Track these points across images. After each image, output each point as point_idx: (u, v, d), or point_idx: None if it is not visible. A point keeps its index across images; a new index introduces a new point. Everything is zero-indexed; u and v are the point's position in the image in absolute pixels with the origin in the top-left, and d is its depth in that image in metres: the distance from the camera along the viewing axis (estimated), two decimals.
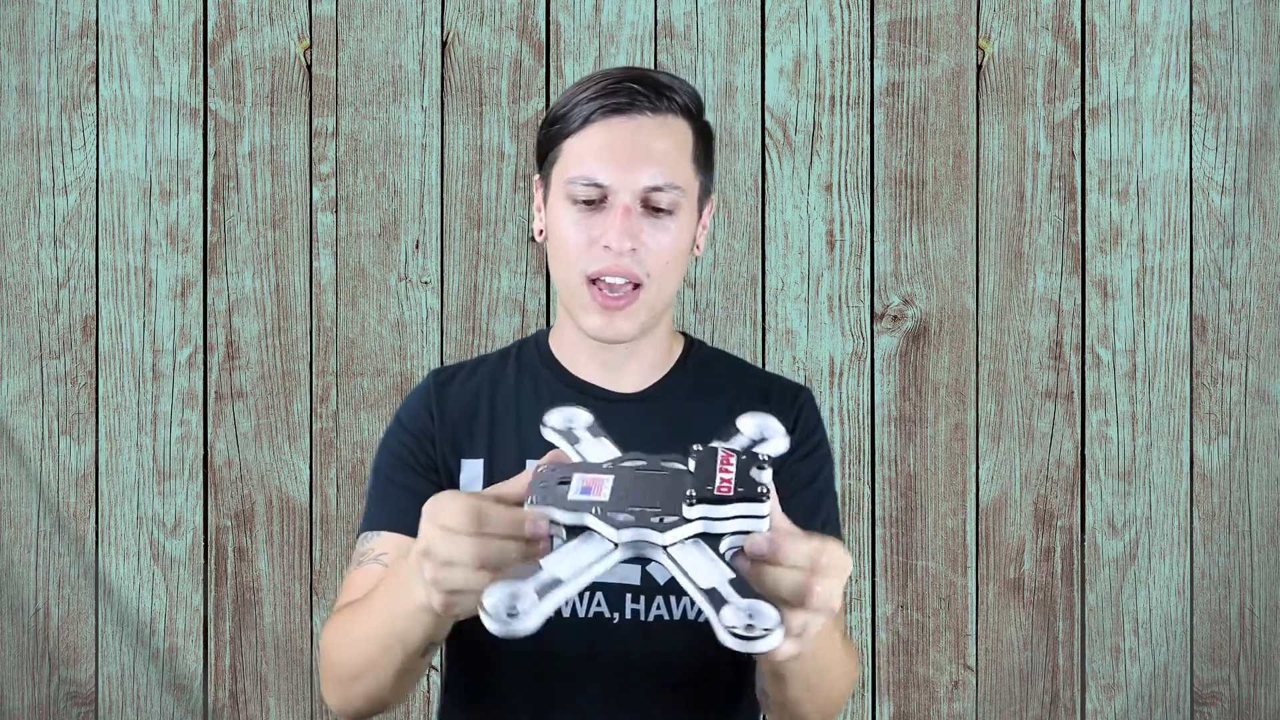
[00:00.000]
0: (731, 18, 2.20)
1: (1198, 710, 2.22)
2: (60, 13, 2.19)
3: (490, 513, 0.85)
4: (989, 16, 2.20)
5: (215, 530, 2.20)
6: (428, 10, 2.20)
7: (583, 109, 1.23)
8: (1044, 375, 2.20)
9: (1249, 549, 2.21)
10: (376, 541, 1.25)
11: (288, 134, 2.20)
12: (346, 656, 1.11)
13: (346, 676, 1.12)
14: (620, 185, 1.21)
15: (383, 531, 1.25)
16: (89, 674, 2.20)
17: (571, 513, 0.84)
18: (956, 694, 2.21)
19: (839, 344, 2.20)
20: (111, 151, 2.19)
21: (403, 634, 1.01)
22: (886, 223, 2.21)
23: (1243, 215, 2.20)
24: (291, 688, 2.20)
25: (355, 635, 1.09)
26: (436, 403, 1.31)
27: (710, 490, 0.84)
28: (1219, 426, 2.20)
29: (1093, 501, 2.21)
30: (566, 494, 0.85)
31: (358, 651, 1.09)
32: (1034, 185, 2.20)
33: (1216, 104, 2.19)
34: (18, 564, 2.18)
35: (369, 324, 2.20)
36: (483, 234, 2.20)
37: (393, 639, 1.03)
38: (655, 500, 0.85)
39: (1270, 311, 2.20)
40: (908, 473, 2.20)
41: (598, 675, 1.23)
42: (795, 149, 2.20)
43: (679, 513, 0.83)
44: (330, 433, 2.20)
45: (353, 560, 1.27)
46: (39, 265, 2.19)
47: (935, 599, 2.20)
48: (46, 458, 2.18)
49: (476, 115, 2.20)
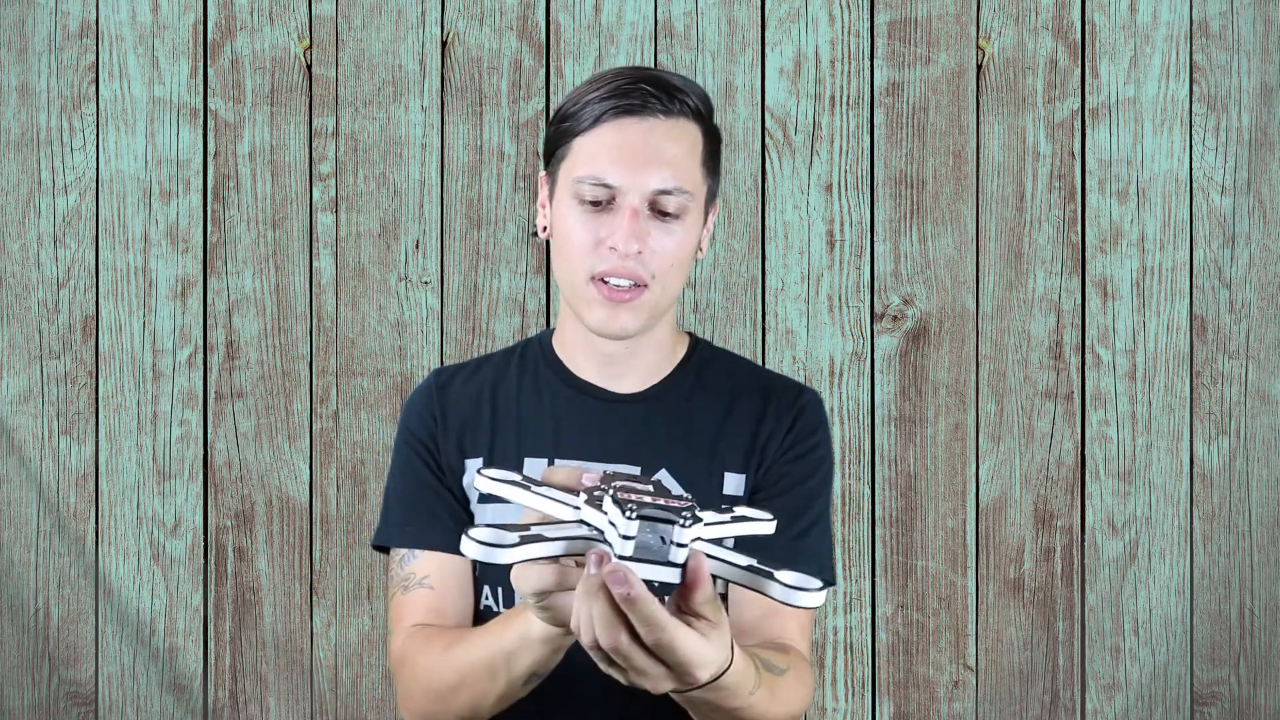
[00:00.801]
0: (731, 18, 2.20)
1: (1198, 710, 2.22)
2: (60, 13, 2.19)
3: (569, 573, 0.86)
4: (989, 16, 2.20)
5: (215, 530, 2.20)
6: (428, 10, 2.20)
7: (594, 108, 1.22)
8: (1044, 375, 2.20)
9: (1249, 549, 2.21)
10: (415, 565, 1.26)
11: (288, 134, 2.20)
12: (444, 672, 1.14)
13: (444, 689, 1.14)
14: (629, 187, 1.20)
15: (418, 551, 1.26)
16: (89, 674, 2.20)
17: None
18: (956, 694, 2.21)
19: (839, 344, 2.20)
20: (111, 151, 2.19)
21: (530, 665, 1.04)
22: (886, 223, 2.21)
23: (1243, 215, 2.20)
24: (291, 688, 2.20)
25: (457, 654, 1.12)
26: (439, 404, 1.31)
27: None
28: (1219, 426, 2.20)
29: (1093, 501, 2.21)
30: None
31: (456, 669, 1.11)
32: (1034, 185, 2.20)
33: (1216, 104, 2.19)
34: (18, 564, 2.18)
35: (369, 324, 2.20)
36: (483, 234, 2.20)
37: (512, 671, 1.05)
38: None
39: (1270, 311, 2.20)
40: (908, 473, 2.20)
41: (596, 675, 1.23)
42: (795, 149, 2.20)
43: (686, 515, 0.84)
44: (330, 433, 2.20)
45: (393, 581, 1.27)
46: (39, 265, 2.19)
47: (935, 599, 2.20)
48: (46, 458, 2.18)
49: (476, 115, 2.20)
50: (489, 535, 0.82)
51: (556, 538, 0.84)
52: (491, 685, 1.08)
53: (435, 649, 1.16)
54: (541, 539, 0.83)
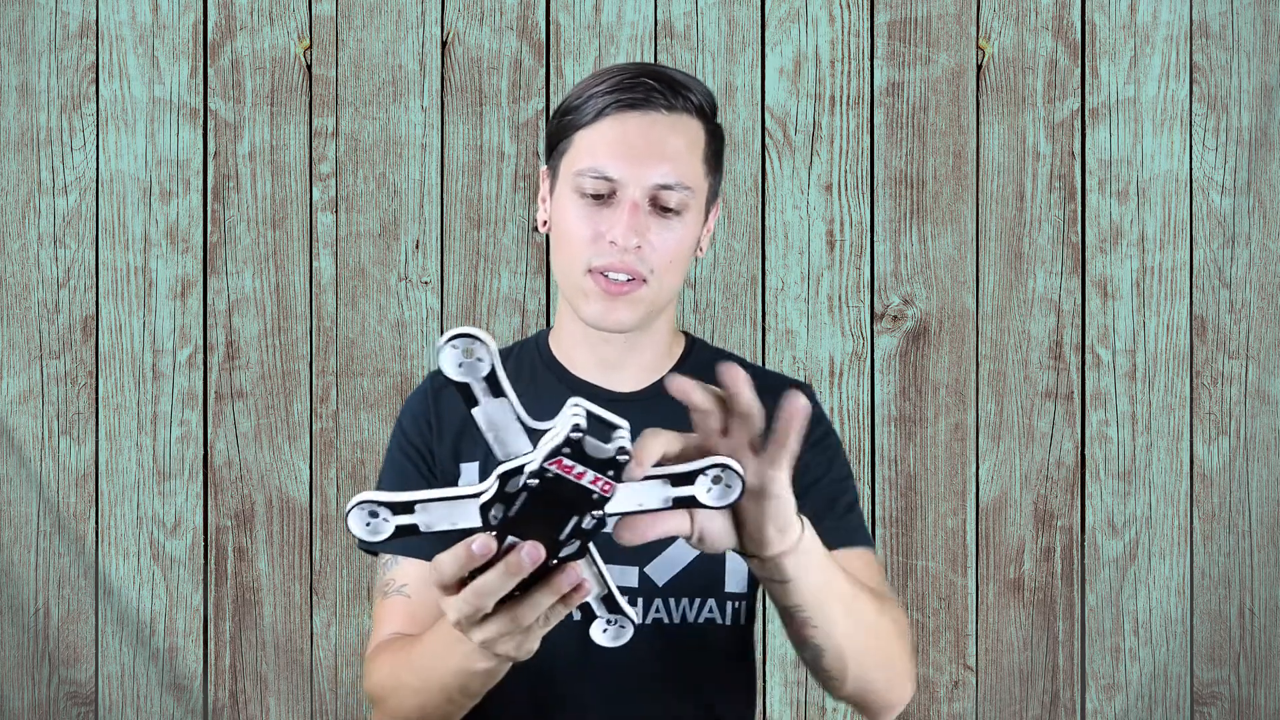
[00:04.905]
0: (731, 18, 2.20)
1: (1198, 710, 2.22)
2: (60, 13, 2.19)
3: (461, 554, 0.83)
4: (989, 16, 2.20)
5: (215, 530, 2.20)
6: (428, 10, 2.20)
7: (597, 102, 1.22)
8: (1044, 375, 2.20)
9: (1249, 549, 2.20)
10: (396, 571, 1.25)
11: (288, 134, 2.20)
12: (405, 701, 1.12)
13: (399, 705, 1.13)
14: (630, 180, 1.20)
15: (400, 559, 1.25)
16: (89, 674, 2.20)
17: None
18: (956, 694, 2.21)
19: (839, 344, 2.20)
20: (111, 151, 2.19)
21: (464, 686, 1.03)
22: (886, 223, 2.21)
23: (1243, 215, 2.20)
24: (291, 688, 2.20)
25: (412, 684, 1.10)
26: (434, 409, 1.30)
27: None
28: (1219, 426, 2.20)
29: (1093, 501, 2.20)
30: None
31: (415, 700, 1.10)
32: (1034, 185, 2.20)
33: (1216, 104, 2.19)
34: (18, 564, 2.18)
35: (369, 324, 2.20)
36: (483, 234, 2.20)
37: (452, 689, 1.04)
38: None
39: (1270, 311, 2.20)
40: (908, 473, 2.20)
41: (595, 678, 1.23)
42: (795, 149, 2.20)
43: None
44: (330, 433, 2.20)
45: (377, 588, 1.27)
46: (39, 265, 2.19)
47: (935, 599, 2.20)
48: (46, 458, 2.19)
49: (476, 115, 2.20)
50: (364, 514, 0.82)
51: (433, 499, 0.83)
52: (453, 708, 1.07)
53: (389, 678, 1.16)
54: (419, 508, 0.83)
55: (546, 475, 0.80)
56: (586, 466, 0.80)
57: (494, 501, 0.82)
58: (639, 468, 0.84)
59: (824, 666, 1.06)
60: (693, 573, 1.24)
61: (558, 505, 0.81)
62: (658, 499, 0.86)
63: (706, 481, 0.86)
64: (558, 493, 0.81)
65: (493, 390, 0.83)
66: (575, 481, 0.81)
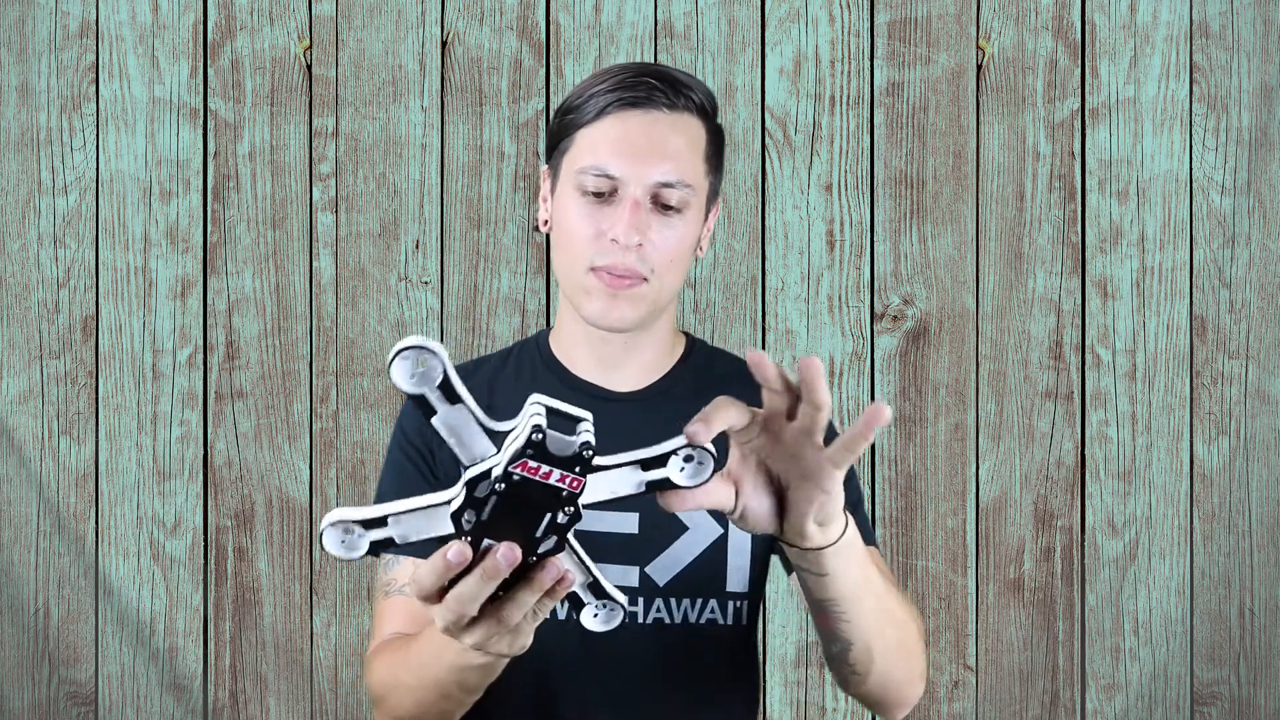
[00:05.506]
0: (731, 18, 2.20)
1: (1198, 710, 2.22)
2: (60, 13, 2.19)
3: (438, 563, 0.84)
4: (989, 16, 2.20)
5: (215, 530, 2.20)
6: (428, 10, 2.20)
7: (598, 100, 1.22)
8: (1044, 375, 2.20)
9: (1249, 549, 2.20)
10: (397, 571, 1.26)
11: (288, 134, 2.20)
12: (404, 700, 1.13)
13: (406, 717, 1.14)
14: (631, 178, 1.20)
15: (400, 558, 1.26)
16: (89, 674, 2.20)
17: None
18: (956, 694, 2.21)
19: (839, 344, 2.20)
20: (111, 151, 2.19)
21: (461, 682, 1.04)
22: (886, 223, 2.21)
23: (1243, 215, 2.20)
24: (291, 688, 2.20)
25: (409, 682, 1.11)
26: None
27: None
28: (1219, 426, 2.20)
29: (1093, 501, 2.21)
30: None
31: (413, 698, 1.10)
32: (1034, 185, 2.20)
33: (1216, 104, 2.19)
34: (18, 564, 2.18)
35: (369, 324, 2.20)
36: (483, 234, 2.20)
37: (449, 687, 1.05)
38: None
39: (1270, 311, 2.20)
40: (908, 473, 2.20)
41: (596, 677, 1.23)
42: (795, 149, 2.20)
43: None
44: (330, 433, 2.20)
45: (377, 588, 1.28)
46: (39, 265, 2.19)
47: (935, 599, 2.20)
48: (46, 458, 2.18)
49: (476, 115, 2.20)
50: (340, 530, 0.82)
51: (407, 509, 0.83)
52: (451, 705, 1.08)
53: (389, 677, 1.17)
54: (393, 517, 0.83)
55: (512, 479, 0.80)
56: (552, 465, 0.80)
57: (465, 508, 0.82)
58: (707, 431, 0.86)
59: (849, 660, 1.07)
60: (694, 573, 1.24)
61: (528, 506, 0.82)
62: (631, 484, 0.86)
63: (679, 462, 0.86)
64: (526, 494, 0.81)
65: (449, 398, 0.82)
66: (542, 482, 0.81)
